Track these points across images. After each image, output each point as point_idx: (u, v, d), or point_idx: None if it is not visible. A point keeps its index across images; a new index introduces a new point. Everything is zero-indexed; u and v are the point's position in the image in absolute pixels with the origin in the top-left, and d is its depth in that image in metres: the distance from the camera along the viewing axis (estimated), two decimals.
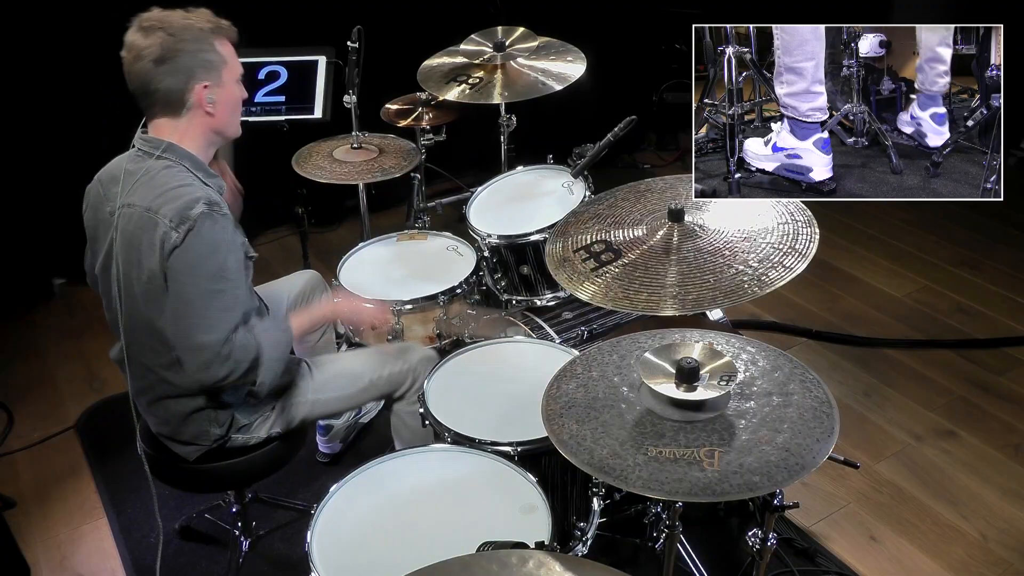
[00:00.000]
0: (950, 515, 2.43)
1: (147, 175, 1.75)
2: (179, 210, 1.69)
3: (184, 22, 1.73)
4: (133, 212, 1.74)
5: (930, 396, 2.89)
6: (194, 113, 1.78)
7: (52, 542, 2.49)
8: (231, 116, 1.85)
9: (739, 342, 1.62)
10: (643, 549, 2.24)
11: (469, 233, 2.59)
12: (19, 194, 3.39)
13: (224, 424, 1.93)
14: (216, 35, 1.77)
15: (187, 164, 1.78)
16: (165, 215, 1.70)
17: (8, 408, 2.99)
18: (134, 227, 1.74)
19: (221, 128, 1.84)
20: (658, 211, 1.93)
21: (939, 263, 3.66)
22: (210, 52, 1.76)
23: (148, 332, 1.81)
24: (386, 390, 2.15)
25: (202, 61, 1.74)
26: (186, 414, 1.90)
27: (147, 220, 1.72)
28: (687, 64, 1.86)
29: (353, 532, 1.63)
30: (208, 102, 1.77)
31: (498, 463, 1.77)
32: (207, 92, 1.76)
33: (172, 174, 1.75)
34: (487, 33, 2.89)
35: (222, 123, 1.83)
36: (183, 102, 1.76)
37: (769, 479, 1.31)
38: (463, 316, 2.49)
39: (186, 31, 1.72)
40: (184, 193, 1.72)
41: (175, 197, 1.71)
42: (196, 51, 1.73)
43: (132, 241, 1.75)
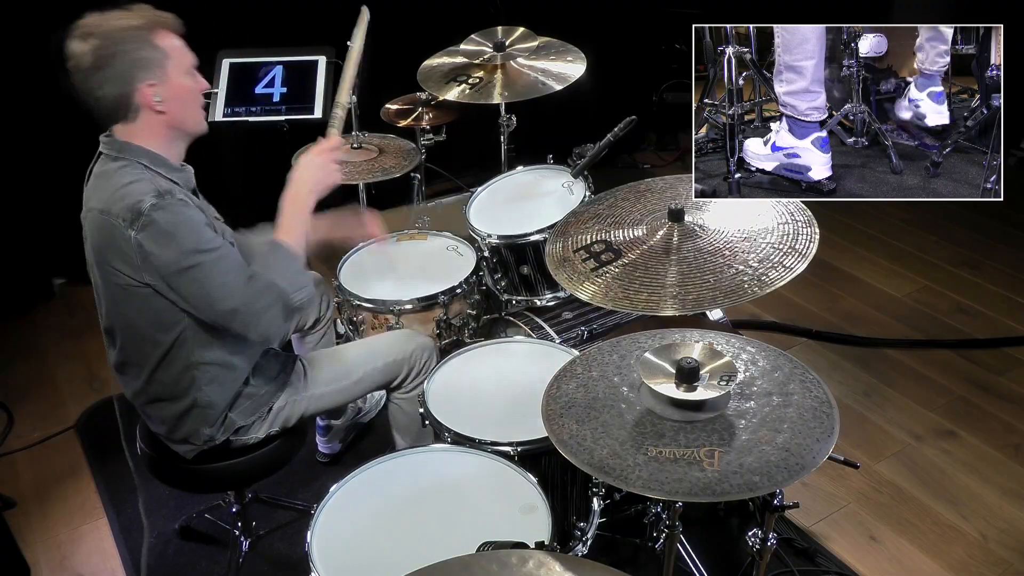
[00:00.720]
0: (950, 515, 2.43)
1: (104, 177, 1.75)
2: (129, 207, 1.67)
3: (117, 23, 1.68)
4: (93, 216, 1.74)
5: (930, 396, 2.89)
6: (144, 114, 1.73)
7: (52, 542, 2.49)
8: (185, 110, 1.79)
9: (739, 342, 1.62)
10: (643, 549, 2.24)
11: (469, 233, 2.59)
12: (19, 194, 3.39)
13: (215, 423, 1.92)
14: (153, 30, 1.70)
15: (144, 161, 1.75)
16: (118, 215, 1.68)
17: (8, 408, 2.99)
18: (97, 230, 1.73)
19: (177, 123, 1.78)
20: (658, 211, 1.93)
21: (939, 263, 3.66)
22: (147, 49, 1.69)
23: (132, 332, 1.81)
24: (382, 380, 2.15)
25: (139, 61, 1.68)
26: (178, 414, 1.90)
27: (104, 222, 1.71)
28: (687, 64, 1.86)
29: (353, 532, 1.63)
30: (156, 100, 1.72)
31: (498, 463, 1.77)
32: (152, 91, 1.71)
33: (124, 173, 1.73)
34: (487, 33, 2.89)
35: (176, 118, 1.77)
36: (129, 105, 1.72)
37: (769, 479, 1.31)
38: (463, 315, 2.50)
39: (118, 32, 1.67)
40: (133, 190, 1.69)
41: (124, 196, 1.69)
42: (131, 51, 1.67)
43: (99, 244, 1.74)
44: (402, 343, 2.17)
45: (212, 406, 1.90)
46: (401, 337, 2.22)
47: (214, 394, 1.89)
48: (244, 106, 2.82)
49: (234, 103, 2.81)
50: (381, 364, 2.13)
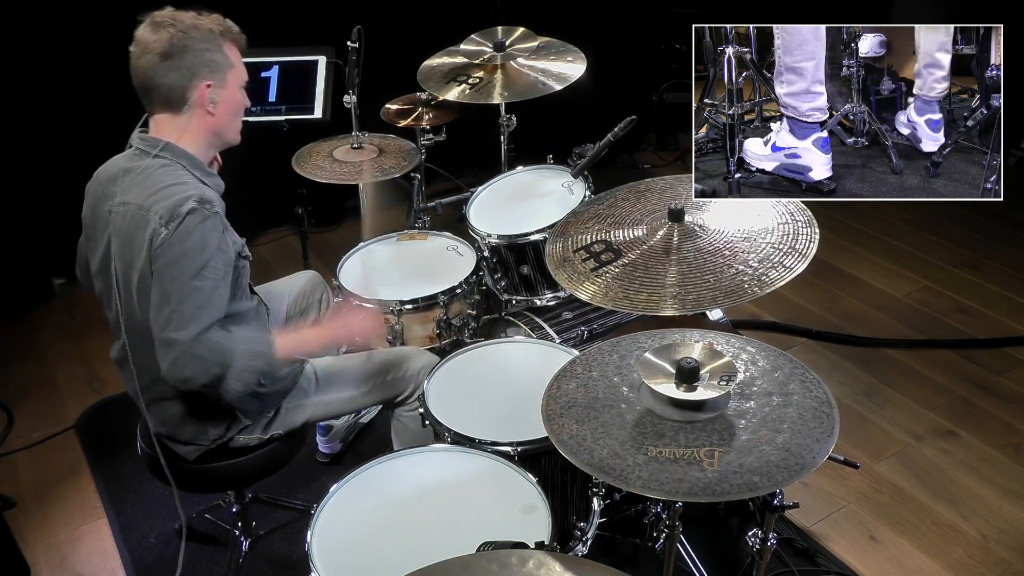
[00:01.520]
0: (950, 515, 2.43)
1: (143, 173, 1.76)
2: (170, 208, 1.69)
3: (195, 21, 1.75)
4: (128, 210, 1.75)
5: (930, 396, 2.89)
6: (195, 111, 1.78)
7: (52, 542, 2.49)
8: (232, 119, 1.86)
9: (739, 342, 1.62)
10: (643, 549, 2.24)
11: (469, 233, 2.59)
12: (19, 194, 3.39)
13: (223, 425, 1.93)
14: (225, 38, 1.79)
15: (184, 163, 1.78)
16: (156, 212, 1.70)
17: (8, 408, 2.99)
18: (128, 225, 1.74)
19: (220, 130, 1.84)
20: (658, 211, 1.93)
21: (939, 263, 3.66)
22: (216, 53, 1.77)
23: (144, 331, 1.81)
24: (388, 394, 2.16)
25: (207, 60, 1.76)
26: (184, 415, 1.90)
27: (140, 218, 1.72)
28: (687, 64, 1.86)
29: (353, 532, 1.63)
30: (210, 101, 1.78)
31: (498, 463, 1.77)
32: (209, 91, 1.77)
33: (167, 172, 1.75)
34: (487, 33, 2.89)
35: (222, 125, 1.83)
36: (185, 99, 1.77)
37: (769, 479, 1.31)
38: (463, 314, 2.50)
39: (195, 29, 1.74)
40: (176, 191, 1.72)
41: (167, 195, 1.71)
42: (203, 50, 1.75)
43: (127, 239, 1.75)
44: (410, 359, 2.18)
45: (219, 406, 1.90)
46: (409, 353, 2.22)
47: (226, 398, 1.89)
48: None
49: None
50: (389, 378, 2.14)
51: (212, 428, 1.92)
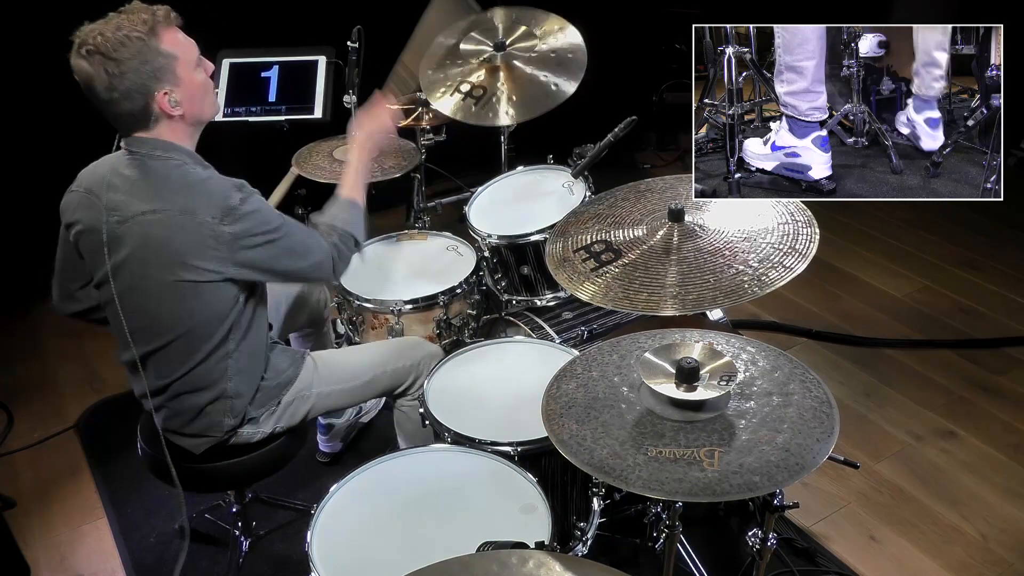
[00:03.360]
0: (950, 515, 2.43)
1: (159, 177, 1.73)
2: (218, 204, 1.70)
3: (120, 35, 1.62)
4: (163, 217, 1.70)
5: (930, 396, 2.89)
6: (163, 119, 1.73)
7: (52, 542, 2.49)
8: (201, 103, 1.78)
9: (739, 342, 1.62)
10: (643, 549, 2.24)
11: (469, 233, 2.59)
12: (19, 194, 3.39)
13: (239, 415, 1.93)
14: (155, 33, 1.66)
15: (187, 159, 1.76)
16: (207, 212, 1.69)
17: (8, 408, 2.99)
18: (163, 231, 1.70)
19: (196, 118, 1.78)
20: (658, 211, 1.93)
21: (939, 263, 3.66)
22: (155, 58, 1.66)
23: (186, 328, 1.79)
24: (390, 385, 2.15)
25: (150, 72, 1.66)
26: (201, 407, 1.89)
27: (185, 221, 1.69)
28: (687, 64, 1.86)
29: (353, 532, 1.63)
30: (173, 105, 1.71)
31: (498, 463, 1.77)
32: (167, 97, 1.70)
33: (186, 171, 1.74)
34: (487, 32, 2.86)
35: (194, 114, 1.77)
36: (148, 115, 1.71)
37: (769, 479, 1.31)
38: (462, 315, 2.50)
39: (123, 47, 1.62)
40: (211, 187, 1.73)
41: (205, 192, 1.71)
42: (140, 65, 1.64)
43: (161, 245, 1.71)
44: (411, 349, 2.18)
45: (239, 395, 1.91)
46: (411, 344, 2.22)
47: (241, 384, 1.90)
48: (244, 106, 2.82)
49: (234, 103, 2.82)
50: (390, 369, 2.13)
51: (228, 418, 1.92)
